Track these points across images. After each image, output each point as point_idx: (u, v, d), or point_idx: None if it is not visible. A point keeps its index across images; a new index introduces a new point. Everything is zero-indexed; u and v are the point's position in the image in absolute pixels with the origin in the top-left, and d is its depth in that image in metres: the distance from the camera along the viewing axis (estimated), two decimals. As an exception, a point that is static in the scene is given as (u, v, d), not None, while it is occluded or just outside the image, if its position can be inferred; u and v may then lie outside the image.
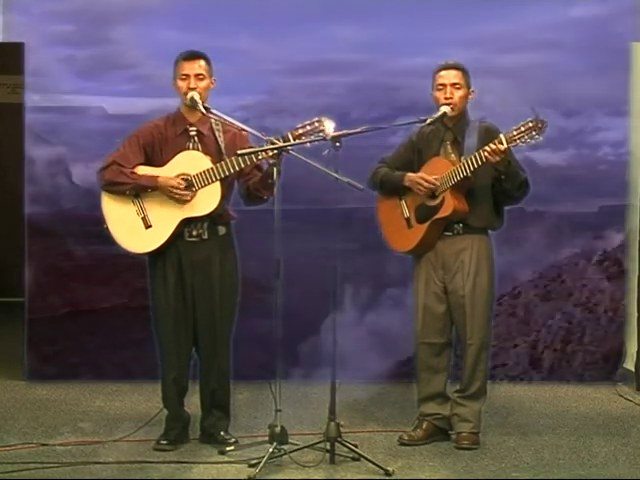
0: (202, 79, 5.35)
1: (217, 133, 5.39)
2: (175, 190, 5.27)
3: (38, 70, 6.88)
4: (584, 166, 7.15)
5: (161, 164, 5.35)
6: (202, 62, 5.37)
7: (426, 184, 5.44)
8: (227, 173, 5.24)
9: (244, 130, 5.37)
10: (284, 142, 5.14)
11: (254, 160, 5.21)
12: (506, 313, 7.11)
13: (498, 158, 5.24)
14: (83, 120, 7.00)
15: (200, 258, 5.36)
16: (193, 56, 5.38)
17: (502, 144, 5.20)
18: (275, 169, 5.11)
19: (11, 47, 6.89)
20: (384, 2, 6.91)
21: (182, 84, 5.36)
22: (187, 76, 5.34)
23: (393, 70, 6.94)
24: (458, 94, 5.46)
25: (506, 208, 5.61)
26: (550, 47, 6.94)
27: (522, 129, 5.17)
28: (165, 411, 5.50)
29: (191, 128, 5.39)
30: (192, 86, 5.32)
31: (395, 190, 5.61)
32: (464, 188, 5.41)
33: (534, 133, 5.15)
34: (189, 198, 5.28)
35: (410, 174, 5.54)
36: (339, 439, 5.11)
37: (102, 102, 7.02)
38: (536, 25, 6.93)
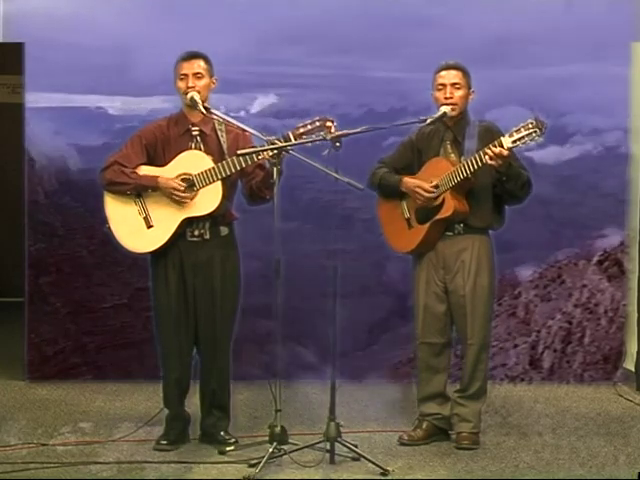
0: (200, 78, 5.34)
1: (220, 133, 5.39)
2: (175, 192, 5.27)
3: (38, 70, 6.86)
4: (584, 166, 7.14)
5: (163, 164, 5.35)
6: (201, 62, 5.37)
7: (426, 194, 5.42)
8: (228, 173, 5.23)
9: (244, 130, 5.37)
10: (285, 142, 5.13)
11: (255, 160, 5.21)
12: (506, 313, 7.10)
13: (501, 161, 5.24)
14: (83, 120, 7.00)
15: (202, 258, 5.36)
16: (191, 56, 5.38)
17: (504, 148, 5.19)
18: (275, 169, 5.11)
19: (11, 47, 6.88)
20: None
21: (181, 84, 5.36)
22: (185, 76, 5.34)
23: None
24: (458, 94, 5.46)
25: (506, 208, 5.61)
26: (550, 46, 6.94)
27: (522, 130, 5.17)
28: (165, 411, 5.50)
29: (193, 128, 5.38)
30: (190, 85, 5.32)
31: (392, 193, 5.60)
32: (464, 189, 5.41)
33: (534, 134, 5.14)
34: (189, 200, 5.28)
35: (406, 179, 5.51)
36: (339, 439, 5.11)
37: (102, 102, 7.02)
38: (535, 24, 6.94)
